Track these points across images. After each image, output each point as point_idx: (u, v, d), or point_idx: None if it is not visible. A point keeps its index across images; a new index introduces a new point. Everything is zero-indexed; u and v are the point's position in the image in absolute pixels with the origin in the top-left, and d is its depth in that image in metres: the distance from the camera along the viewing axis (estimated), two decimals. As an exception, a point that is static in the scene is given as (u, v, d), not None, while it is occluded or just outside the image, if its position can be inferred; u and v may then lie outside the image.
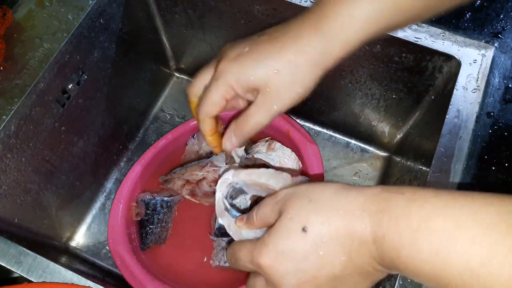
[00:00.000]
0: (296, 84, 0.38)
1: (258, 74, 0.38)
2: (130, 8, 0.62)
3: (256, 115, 0.39)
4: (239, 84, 0.39)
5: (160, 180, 0.67)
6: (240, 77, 0.39)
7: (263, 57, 0.38)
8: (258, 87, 0.38)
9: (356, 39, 0.37)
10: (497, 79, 0.48)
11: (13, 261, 0.44)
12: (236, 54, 0.39)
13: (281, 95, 0.38)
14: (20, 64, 0.49)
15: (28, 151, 0.52)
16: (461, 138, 0.46)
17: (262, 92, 0.38)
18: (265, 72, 0.38)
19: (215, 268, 0.60)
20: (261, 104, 0.39)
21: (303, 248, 0.32)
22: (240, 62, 0.39)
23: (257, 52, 0.38)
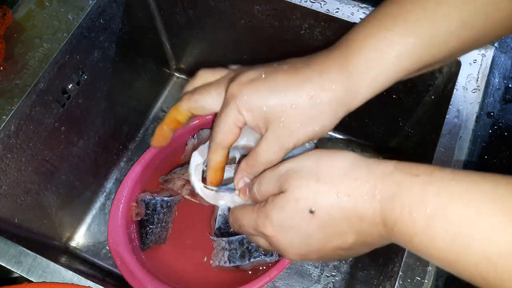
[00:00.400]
0: (314, 122, 0.34)
1: (272, 105, 0.34)
2: (130, 8, 0.62)
3: (267, 153, 0.36)
4: (251, 112, 0.35)
5: (160, 180, 0.67)
6: (252, 104, 0.35)
7: (281, 88, 0.34)
8: (270, 119, 0.34)
9: (386, 77, 0.34)
10: (497, 79, 0.48)
11: (13, 261, 0.44)
12: (250, 79, 0.35)
13: (295, 132, 0.34)
14: (20, 64, 0.49)
15: (28, 151, 0.52)
16: (461, 138, 0.46)
17: (274, 126, 0.35)
18: (281, 104, 0.34)
19: (215, 268, 0.60)
20: (272, 141, 0.35)
21: (310, 228, 0.32)
22: (253, 88, 0.35)
23: (274, 81, 0.35)
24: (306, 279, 0.66)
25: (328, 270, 0.67)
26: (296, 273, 0.66)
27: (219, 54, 0.71)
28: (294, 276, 0.66)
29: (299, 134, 0.35)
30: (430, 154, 0.46)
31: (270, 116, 0.34)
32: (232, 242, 0.57)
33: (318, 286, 0.66)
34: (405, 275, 0.40)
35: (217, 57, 0.72)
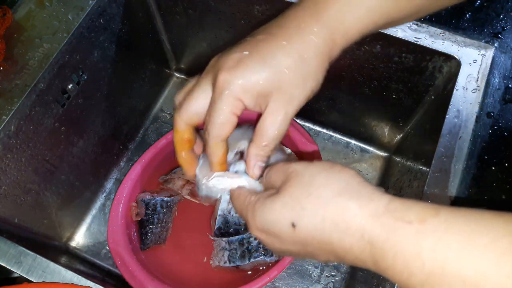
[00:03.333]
0: (308, 79, 0.34)
1: (268, 77, 0.33)
2: (130, 8, 0.62)
3: (275, 124, 0.34)
4: (248, 93, 0.34)
5: (160, 180, 0.67)
6: (248, 84, 0.33)
7: (269, 57, 0.33)
8: (270, 91, 0.34)
9: (357, 28, 0.34)
10: (497, 79, 0.48)
11: (13, 261, 0.44)
12: (235, 61, 0.34)
13: (296, 94, 0.34)
14: (20, 64, 0.49)
15: (28, 151, 0.52)
16: (461, 138, 0.46)
17: (275, 96, 0.34)
18: (275, 72, 0.33)
19: (215, 268, 0.60)
20: (277, 111, 0.34)
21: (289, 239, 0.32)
22: (244, 68, 0.33)
23: (260, 53, 0.34)
24: (306, 279, 0.66)
25: (328, 270, 0.67)
26: (296, 273, 0.66)
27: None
28: (294, 276, 0.66)
29: (299, 95, 0.34)
30: (430, 154, 0.46)
31: (268, 88, 0.33)
32: (232, 242, 0.57)
33: (318, 286, 0.66)
34: (405, 275, 0.40)
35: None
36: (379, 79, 0.59)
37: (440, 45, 0.50)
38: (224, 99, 0.34)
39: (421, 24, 0.51)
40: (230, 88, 0.34)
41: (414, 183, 0.53)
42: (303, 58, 0.34)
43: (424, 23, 0.51)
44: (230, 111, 0.34)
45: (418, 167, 0.54)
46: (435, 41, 0.50)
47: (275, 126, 0.34)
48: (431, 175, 0.44)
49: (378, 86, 0.60)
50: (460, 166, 0.44)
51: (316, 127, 0.76)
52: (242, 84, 0.33)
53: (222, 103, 0.34)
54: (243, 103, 0.34)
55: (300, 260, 0.67)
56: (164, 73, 0.81)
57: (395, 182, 0.63)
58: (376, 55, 0.55)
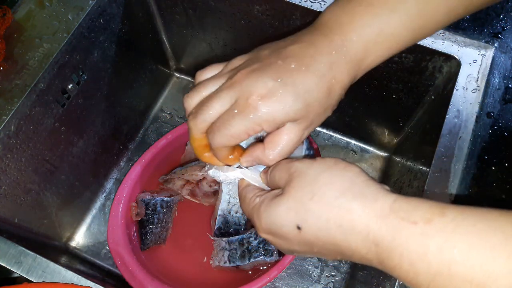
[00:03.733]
0: (329, 109, 0.36)
1: (299, 109, 0.34)
2: (130, 8, 0.62)
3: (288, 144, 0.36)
4: (274, 122, 0.34)
5: (160, 180, 0.67)
6: (278, 115, 0.33)
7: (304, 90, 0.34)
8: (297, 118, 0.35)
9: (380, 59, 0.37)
10: (497, 79, 0.48)
11: (13, 261, 0.44)
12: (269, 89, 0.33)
13: (316, 121, 0.36)
14: (20, 64, 0.49)
15: (28, 151, 0.52)
16: (461, 138, 0.46)
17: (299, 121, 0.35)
18: (308, 103, 0.34)
19: (215, 268, 0.60)
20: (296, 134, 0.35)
21: (295, 241, 0.32)
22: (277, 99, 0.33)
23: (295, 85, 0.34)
24: (306, 279, 0.66)
25: (328, 270, 0.67)
26: (296, 273, 0.66)
27: (219, 54, 0.71)
28: (294, 276, 0.66)
29: (318, 122, 0.36)
30: (430, 154, 0.46)
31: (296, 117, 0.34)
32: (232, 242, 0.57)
33: (318, 286, 0.66)
34: (405, 275, 0.40)
35: (217, 57, 0.72)
36: (379, 79, 0.59)
37: (440, 45, 0.50)
38: (246, 121, 0.34)
39: (421, 24, 0.51)
40: (256, 114, 0.33)
41: (414, 183, 0.53)
42: (330, 92, 0.35)
43: (424, 23, 0.51)
44: (245, 132, 0.34)
45: (418, 167, 0.54)
46: (435, 41, 0.50)
47: (288, 146, 0.36)
48: (431, 175, 0.44)
49: (378, 86, 0.60)
50: (460, 166, 0.44)
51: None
52: (272, 114, 0.33)
53: (242, 123, 0.34)
54: (263, 128, 0.34)
55: (300, 260, 0.67)
56: (164, 73, 0.81)
57: (395, 182, 0.63)
58: (376, 55, 0.55)
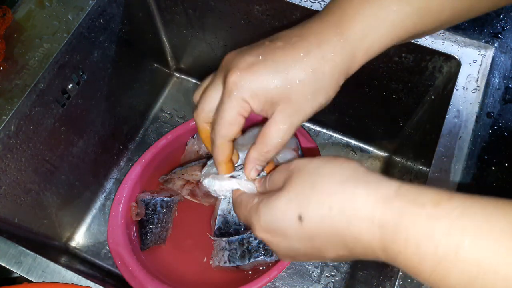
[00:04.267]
0: (319, 94, 0.34)
1: (278, 86, 0.33)
2: (130, 8, 0.62)
3: (279, 134, 0.34)
4: (257, 98, 0.33)
5: (160, 180, 0.67)
6: (257, 89, 0.33)
7: (284, 66, 0.33)
8: (278, 100, 0.33)
9: (380, 43, 0.34)
10: (497, 79, 0.48)
11: (13, 261, 0.44)
12: (248, 64, 0.34)
13: (304, 106, 0.34)
14: (20, 64, 0.49)
15: (28, 151, 0.52)
16: (461, 138, 0.46)
17: (281, 106, 0.34)
18: (287, 83, 0.33)
19: (215, 268, 0.60)
20: (282, 121, 0.34)
21: (297, 235, 0.31)
22: (255, 73, 0.33)
23: (275, 60, 0.33)
24: (306, 279, 0.66)
25: (328, 270, 0.67)
26: (296, 273, 0.66)
27: (219, 54, 0.71)
28: (294, 276, 0.66)
29: (306, 108, 0.34)
30: (430, 154, 0.46)
31: (276, 97, 0.33)
32: (232, 242, 0.57)
33: (318, 286, 0.66)
34: (405, 275, 0.40)
35: (217, 57, 0.72)
36: (379, 79, 0.59)
37: (440, 45, 0.50)
38: (232, 100, 0.34)
39: (421, 24, 0.51)
40: (239, 90, 0.33)
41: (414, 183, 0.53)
42: (318, 74, 0.33)
43: (424, 23, 0.51)
44: (237, 112, 0.34)
45: (418, 167, 0.54)
46: (435, 41, 0.50)
47: (279, 136, 0.34)
48: (431, 175, 0.44)
49: (378, 86, 0.60)
50: (460, 166, 0.44)
51: (316, 127, 0.76)
52: (251, 88, 0.33)
53: (231, 103, 0.34)
54: (250, 106, 0.34)
55: (300, 260, 0.67)
56: (164, 73, 0.81)
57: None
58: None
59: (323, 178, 0.31)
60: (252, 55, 0.34)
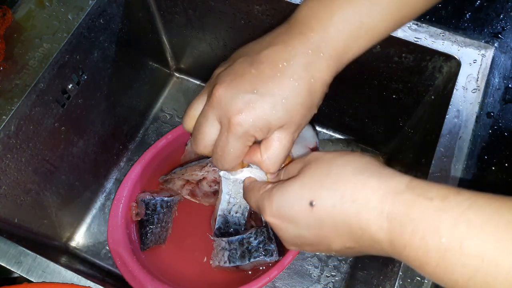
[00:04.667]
0: (313, 108, 0.37)
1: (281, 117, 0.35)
2: (130, 8, 0.62)
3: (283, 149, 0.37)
4: (261, 131, 0.35)
5: (160, 180, 0.67)
6: (262, 125, 0.35)
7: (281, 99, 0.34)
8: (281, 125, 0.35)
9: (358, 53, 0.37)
10: (497, 79, 0.48)
11: (13, 261, 0.44)
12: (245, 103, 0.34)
13: (302, 122, 0.37)
14: (20, 64, 0.49)
15: (28, 151, 0.52)
16: (461, 138, 0.46)
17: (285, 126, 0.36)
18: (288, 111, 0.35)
19: (215, 268, 0.60)
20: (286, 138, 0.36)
21: (306, 220, 0.31)
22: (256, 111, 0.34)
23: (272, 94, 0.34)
24: (306, 279, 0.66)
25: (328, 270, 0.67)
26: (296, 273, 0.66)
27: (219, 54, 0.71)
28: (294, 276, 0.66)
29: (304, 123, 0.37)
30: (430, 154, 0.46)
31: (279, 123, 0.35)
32: (232, 242, 0.57)
33: (318, 286, 0.66)
34: (405, 275, 0.40)
35: (216, 57, 0.72)
36: (379, 79, 0.59)
37: (440, 45, 0.50)
38: (238, 138, 0.35)
39: (421, 24, 0.51)
40: (245, 129, 0.35)
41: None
42: (311, 93, 0.35)
43: (424, 23, 0.51)
44: (244, 146, 0.36)
45: (418, 167, 0.54)
46: (435, 41, 0.50)
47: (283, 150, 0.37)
48: (431, 175, 0.44)
49: (378, 86, 0.60)
50: (460, 166, 0.44)
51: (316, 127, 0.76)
52: (256, 125, 0.34)
53: (237, 143, 0.36)
54: (255, 137, 0.36)
55: (300, 260, 0.67)
56: (164, 73, 0.81)
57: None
58: (376, 55, 0.55)
59: (338, 167, 0.31)
60: (246, 91, 0.34)
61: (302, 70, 0.34)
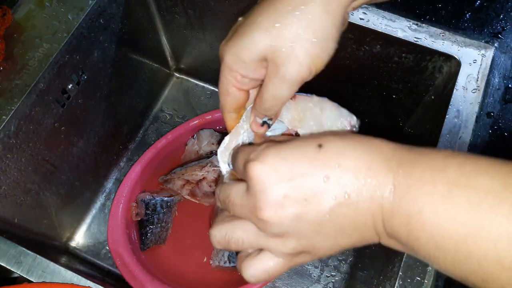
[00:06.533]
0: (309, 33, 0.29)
1: (255, 38, 0.30)
2: (130, 8, 0.62)
3: (268, 86, 0.31)
4: (239, 60, 0.31)
5: (160, 180, 0.67)
6: (237, 52, 0.31)
7: (256, 16, 0.30)
8: (262, 54, 0.30)
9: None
10: (497, 79, 0.48)
11: (13, 261, 0.44)
12: (232, 31, 0.32)
13: (292, 52, 0.29)
14: (20, 64, 0.49)
15: (28, 151, 0.52)
16: (461, 138, 0.46)
17: (271, 59, 0.30)
18: (263, 31, 0.29)
19: (215, 268, 0.60)
20: (272, 72, 0.31)
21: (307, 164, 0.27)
22: (235, 38, 0.31)
23: (250, 15, 0.31)
24: (306, 279, 0.66)
25: (328, 270, 0.67)
26: (296, 273, 0.66)
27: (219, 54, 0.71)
28: (294, 276, 0.66)
29: (300, 56, 0.29)
30: (430, 154, 0.46)
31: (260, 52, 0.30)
32: (232, 242, 0.57)
33: (318, 286, 0.66)
34: (405, 275, 0.40)
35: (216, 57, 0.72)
36: (379, 79, 0.59)
37: (440, 45, 0.50)
38: (222, 71, 0.33)
39: (421, 24, 0.51)
40: (224, 60, 0.32)
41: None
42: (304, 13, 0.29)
43: (424, 23, 0.51)
44: (227, 83, 0.33)
45: (418, 167, 0.54)
46: (435, 41, 0.50)
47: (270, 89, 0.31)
48: (431, 175, 0.44)
49: (378, 86, 0.60)
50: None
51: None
52: (233, 53, 0.31)
53: (221, 75, 0.33)
54: (238, 73, 0.32)
55: (300, 260, 0.67)
56: (164, 73, 0.81)
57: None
58: (376, 55, 0.55)
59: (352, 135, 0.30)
60: (236, 23, 0.32)
61: None
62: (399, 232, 0.26)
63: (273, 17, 0.30)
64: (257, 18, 0.30)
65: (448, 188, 0.24)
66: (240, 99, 0.34)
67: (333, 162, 0.27)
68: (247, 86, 0.34)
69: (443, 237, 0.24)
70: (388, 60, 0.55)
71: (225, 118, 0.37)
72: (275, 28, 0.29)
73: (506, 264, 0.22)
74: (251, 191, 0.28)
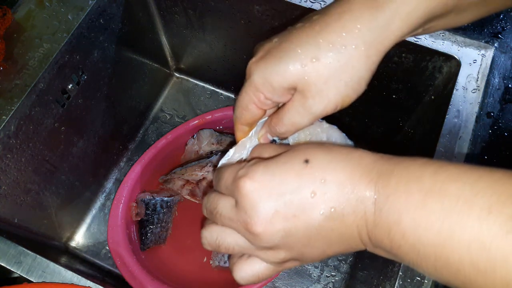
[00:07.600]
0: (344, 74, 0.30)
1: (290, 68, 0.30)
2: (130, 8, 0.62)
3: (291, 113, 0.32)
4: (270, 85, 0.31)
5: (160, 180, 0.67)
6: (267, 75, 0.31)
7: (295, 45, 0.30)
8: (293, 84, 0.31)
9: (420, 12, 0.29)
10: (497, 79, 0.48)
11: (13, 261, 0.44)
12: (264, 51, 0.32)
13: (324, 89, 0.30)
14: (20, 64, 0.49)
15: (28, 151, 0.52)
16: (461, 138, 0.46)
17: (300, 90, 0.31)
18: (299, 63, 0.30)
19: (215, 268, 0.60)
20: (299, 101, 0.31)
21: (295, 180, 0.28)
22: (267, 59, 0.31)
23: (288, 41, 0.31)
24: (306, 279, 0.66)
25: (328, 270, 0.67)
26: (296, 273, 0.66)
27: (219, 54, 0.71)
28: (294, 276, 0.66)
29: (329, 92, 0.30)
30: (430, 154, 0.46)
31: (291, 80, 0.30)
32: (232, 242, 0.57)
33: (318, 286, 0.66)
34: (405, 275, 0.40)
35: (217, 57, 0.72)
36: (379, 79, 0.59)
37: (440, 45, 0.50)
38: (246, 87, 0.33)
39: (421, 24, 0.51)
40: (252, 78, 0.32)
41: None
42: (339, 49, 0.29)
43: (424, 23, 0.51)
44: (249, 100, 0.33)
45: (418, 167, 0.54)
46: (435, 41, 0.50)
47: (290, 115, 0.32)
48: (431, 175, 0.44)
49: (378, 86, 0.60)
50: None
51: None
52: (263, 75, 0.31)
53: (244, 90, 0.33)
54: (264, 94, 0.32)
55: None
56: (164, 73, 0.81)
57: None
58: (376, 55, 0.55)
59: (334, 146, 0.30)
60: (271, 41, 0.32)
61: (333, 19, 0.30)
62: (383, 241, 0.27)
63: (312, 51, 0.30)
64: (295, 47, 0.30)
65: (423, 196, 0.25)
66: (257, 116, 0.35)
67: (318, 178, 0.28)
68: (267, 106, 0.34)
69: (423, 244, 0.25)
70: (388, 60, 0.55)
71: (236, 129, 0.37)
72: (312, 63, 0.30)
73: (481, 267, 0.22)
74: (240, 206, 0.29)
